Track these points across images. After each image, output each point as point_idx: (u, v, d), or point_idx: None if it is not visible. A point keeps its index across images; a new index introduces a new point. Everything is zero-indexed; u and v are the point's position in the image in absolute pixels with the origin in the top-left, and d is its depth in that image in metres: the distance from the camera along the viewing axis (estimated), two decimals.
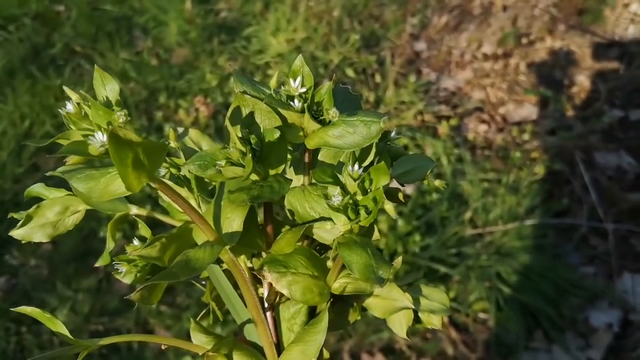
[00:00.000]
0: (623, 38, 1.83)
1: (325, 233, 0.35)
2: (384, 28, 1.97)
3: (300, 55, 0.36)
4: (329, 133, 0.34)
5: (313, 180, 0.37)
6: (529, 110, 1.72)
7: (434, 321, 0.47)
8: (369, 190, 0.33)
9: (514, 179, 1.53)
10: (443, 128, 1.65)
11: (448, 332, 1.30)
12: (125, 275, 0.41)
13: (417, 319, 0.47)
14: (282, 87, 0.36)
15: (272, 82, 0.36)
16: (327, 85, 0.34)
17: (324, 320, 0.35)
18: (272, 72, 1.85)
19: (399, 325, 0.45)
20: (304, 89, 0.34)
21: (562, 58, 1.82)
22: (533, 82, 1.78)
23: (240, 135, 0.33)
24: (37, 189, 0.43)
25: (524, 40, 1.87)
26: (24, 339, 1.32)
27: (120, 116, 0.31)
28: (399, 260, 0.42)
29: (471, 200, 1.49)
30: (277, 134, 0.33)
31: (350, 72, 1.82)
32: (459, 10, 1.98)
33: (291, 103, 0.34)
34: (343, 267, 0.37)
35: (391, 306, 0.42)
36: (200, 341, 0.36)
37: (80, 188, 0.32)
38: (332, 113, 0.34)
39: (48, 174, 0.40)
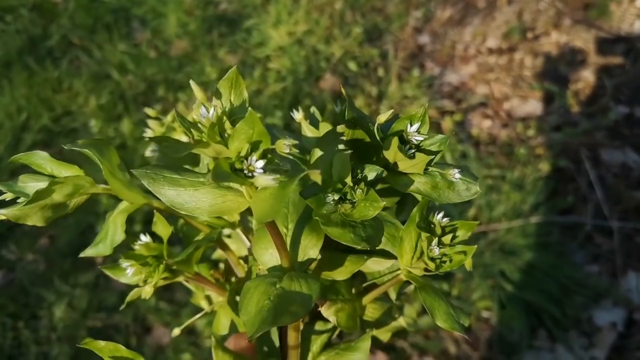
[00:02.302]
0: (629, 33, 1.80)
1: (374, 264, 0.35)
2: (387, 21, 1.94)
3: (427, 104, 0.35)
4: (422, 180, 0.34)
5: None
6: (533, 105, 1.70)
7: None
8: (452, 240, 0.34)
9: (518, 176, 1.51)
10: (447, 123, 1.63)
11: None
12: (133, 274, 0.37)
13: None
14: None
15: (381, 119, 0.35)
16: (440, 137, 0.34)
17: (363, 350, 0.34)
18: (272, 65, 1.82)
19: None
20: (420, 137, 0.34)
21: (568, 53, 1.79)
22: (538, 77, 1.76)
23: (352, 176, 0.32)
24: (40, 159, 0.36)
25: (529, 35, 1.84)
26: (21, 334, 1.31)
27: (286, 146, 0.27)
28: None
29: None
30: (382, 174, 0.32)
31: (352, 66, 1.79)
32: (464, 4, 1.95)
33: (402, 146, 0.34)
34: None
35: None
36: None
37: (171, 197, 0.29)
38: (453, 173, 0.34)
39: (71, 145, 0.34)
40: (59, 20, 2.01)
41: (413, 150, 0.34)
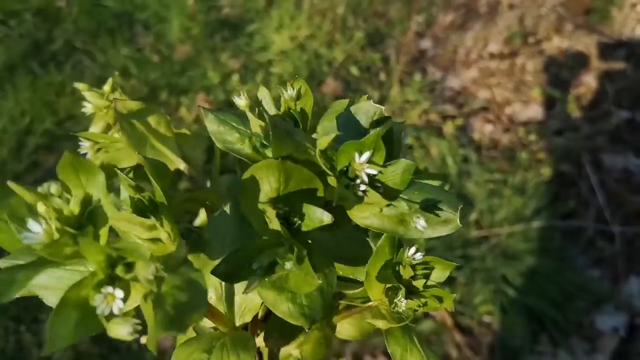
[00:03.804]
0: (630, 39, 1.81)
1: (342, 287, 0.32)
2: (389, 26, 1.95)
3: (379, 130, 0.27)
4: (388, 213, 0.27)
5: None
6: (535, 110, 1.70)
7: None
8: (425, 280, 0.29)
9: (520, 180, 1.51)
10: (448, 128, 1.64)
11: (452, 335, 1.29)
12: None
13: None
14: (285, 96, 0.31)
15: (323, 143, 0.27)
16: (404, 165, 0.26)
17: None
18: (274, 69, 1.83)
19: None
20: (373, 171, 0.26)
21: (569, 58, 1.80)
22: (540, 82, 1.76)
23: (277, 214, 0.26)
24: None
25: (531, 40, 1.85)
26: (23, 338, 1.31)
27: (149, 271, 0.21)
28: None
29: (477, 201, 1.47)
30: (328, 221, 0.26)
31: (354, 70, 1.80)
32: (465, 9, 1.95)
33: (351, 182, 0.26)
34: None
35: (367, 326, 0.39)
36: None
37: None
38: (420, 223, 0.26)
39: None
40: (63, 25, 2.02)
41: (364, 188, 0.26)
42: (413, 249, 0.29)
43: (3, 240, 0.28)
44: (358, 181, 0.27)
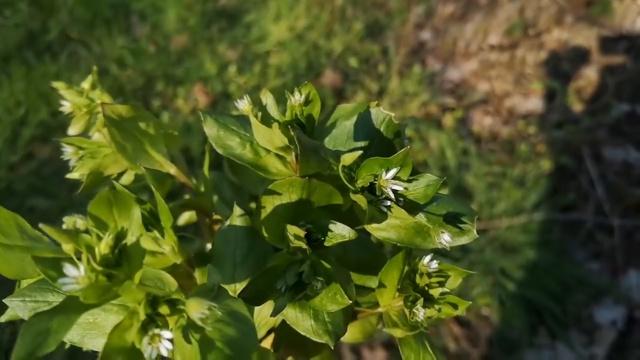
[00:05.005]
0: (631, 31, 1.79)
1: None
2: (388, 17, 1.93)
3: (408, 148, 0.27)
4: (405, 225, 0.27)
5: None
6: (535, 103, 1.69)
7: None
8: (442, 287, 0.28)
9: (519, 173, 1.50)
10: (448, 120, 1.62)
11: (450, 327, 1.28)
12: None
13: None
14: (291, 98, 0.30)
15: (347, 160, 0.26)
16: (427, 179, 0.26)
17: None
18: (272, 61, 1.81)
19: None
20: (399, 187, 0.26)
21: (570, 50, 1.78)
22: (540, 74, 1.75)
23: (300, 235, 0.25)
24: None
25: (531, 32, 1.83)
26: (18, 330, 1.30)
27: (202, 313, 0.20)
28: None
29: (476, 193, 1.46)
30: (352, 237, 0.26)
31: (353, 62, 1.78)
32: (465, 0, 1.94)
33: (375, 198, 0.26)
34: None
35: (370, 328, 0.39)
36: None
37: None
38: (445, 239, 0.26)
39: None
40: (58, 15, 1.99)
41: (389, 203, 0.27)
42: (428, 258, 0.29)
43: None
44: (383, 197, 0.27)
